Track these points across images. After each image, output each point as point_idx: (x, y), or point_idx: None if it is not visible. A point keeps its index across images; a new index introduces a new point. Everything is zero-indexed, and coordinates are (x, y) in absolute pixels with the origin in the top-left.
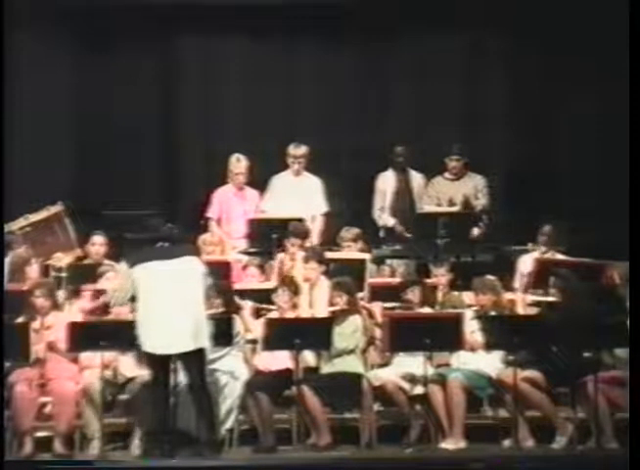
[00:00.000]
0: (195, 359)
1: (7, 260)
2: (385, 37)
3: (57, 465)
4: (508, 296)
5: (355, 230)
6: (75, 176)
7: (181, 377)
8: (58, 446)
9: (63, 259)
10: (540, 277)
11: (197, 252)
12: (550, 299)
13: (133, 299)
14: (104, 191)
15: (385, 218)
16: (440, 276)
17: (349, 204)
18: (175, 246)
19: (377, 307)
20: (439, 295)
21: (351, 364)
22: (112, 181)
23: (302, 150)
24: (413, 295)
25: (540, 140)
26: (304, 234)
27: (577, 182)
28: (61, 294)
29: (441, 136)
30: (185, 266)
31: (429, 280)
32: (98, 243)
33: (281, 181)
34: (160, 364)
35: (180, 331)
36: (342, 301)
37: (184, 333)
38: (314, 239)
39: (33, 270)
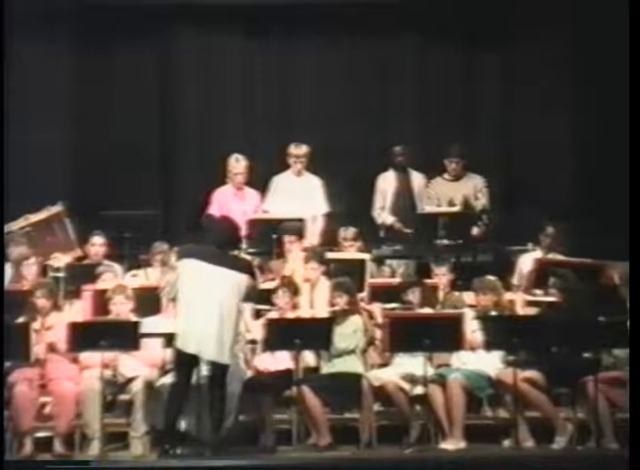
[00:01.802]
0: (222, 366)
1: (7, 260)
2: (385, 37)
3: (57, 465)
4: (508, 296)
5: (353, 229)
6: (75, 177)
7: (196, 377)
8: (58, 447)
9: (61, 259)
10: (540, 277)
11: (249, 268)
12: (550, 299)
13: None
14: (103, 191)
15: (384, 216)
16: (441, 276)
17: (350, 204)
18: (229, 255)
19: (377, 308)
20: (440, 295)
21: (351, 365)
22: (111, 181)
23: (304, 149)
24: (413, 295)
25: (540, 140)
26: (298, 231)
27: (578, 182)
28: (60, 294)
29: (442, 136)
30: (233, 279)
31: (429, 280)
32: (97, 243)
33: (282, 181)
34: (187, 363)
35: (215, 337)
36: (342, 301)
37: (221, 342)
38: (315, 239)
39: (33, 270)
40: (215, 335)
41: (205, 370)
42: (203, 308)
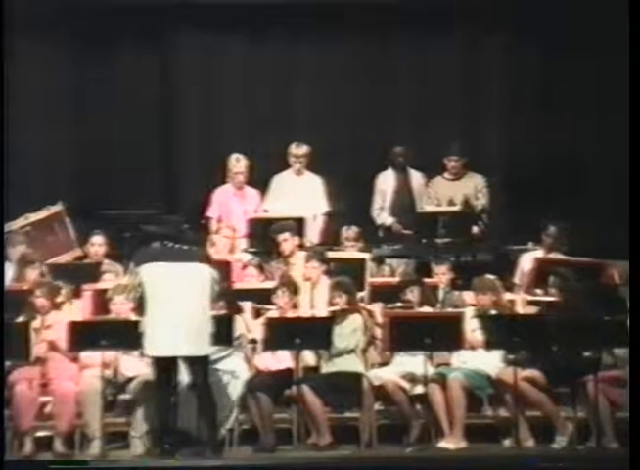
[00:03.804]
0: (199, 361)
1: (7, 260)
2: (385, 36)
3: (57, 465)
4: (508, 295)
5: (356, 229)
6: (75, 176)
7: (183, 377)
8: (58, 446)
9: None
10: (540, 276)
11: (207, 259)
12: (550, 298)
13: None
14: (104, 191)
15: (383, 217)
16: (441, 275)
17: (350, 204)
18: (186, 249)
19: (377, 307)
20: (441, 294)
21: (352, 364)
22: (112, 181)
23: (304, 149)
24: (412, 294)
25: (540, 139)
26: (291, 229)
27: (578, 181)
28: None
29: (441, 136)
30: (195, 272)
31: (428, 279)
32: (97, 243)
33: (283, 181)
34: (164, 365)
35: (188, 335)
36: (341, 300)
37: (192, 337)
38: (315, 238)
39: (34, 270)
40: (185, 330)
41: (187, 370)
42: (168, 307)
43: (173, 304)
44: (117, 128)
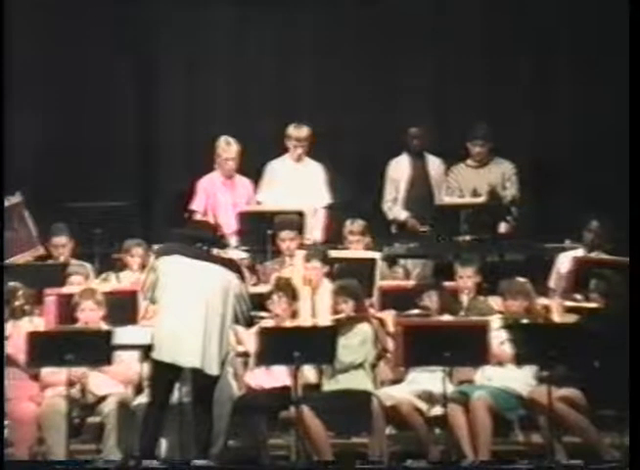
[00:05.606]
0: (208, 378)
1: None
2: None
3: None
4: (542, 301)
5: (361, 222)
6: (37, 163)
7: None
8: None
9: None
10: (580, 279)
11: (238, 269)
12: (591, 305)
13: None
14: (70, 180)
15: (396, 211)
16: (466, 278)
17: (356, 195)
18: (214, 253)
19: (388, 315)
20: (465, 300)
21: (359, 381)
22: (80, 168)
23: (305, 132)
24: (430, 300)
25: (580, 119)
26: (296, 225)
27: (626, 168)
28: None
29: (464, 116)
30: (219, 275)
31: (449, 283)
32: (60, 244)
33: (279, 167)
34: (164, 378)
35: (202, 344)
36: (347, 307)
37: (204, 348)
38: (316, 235)
39: None
40: (198, 339)
41: (187, 385)
42: (183, 309)
43: (189, 303)
44: (89, 106)
